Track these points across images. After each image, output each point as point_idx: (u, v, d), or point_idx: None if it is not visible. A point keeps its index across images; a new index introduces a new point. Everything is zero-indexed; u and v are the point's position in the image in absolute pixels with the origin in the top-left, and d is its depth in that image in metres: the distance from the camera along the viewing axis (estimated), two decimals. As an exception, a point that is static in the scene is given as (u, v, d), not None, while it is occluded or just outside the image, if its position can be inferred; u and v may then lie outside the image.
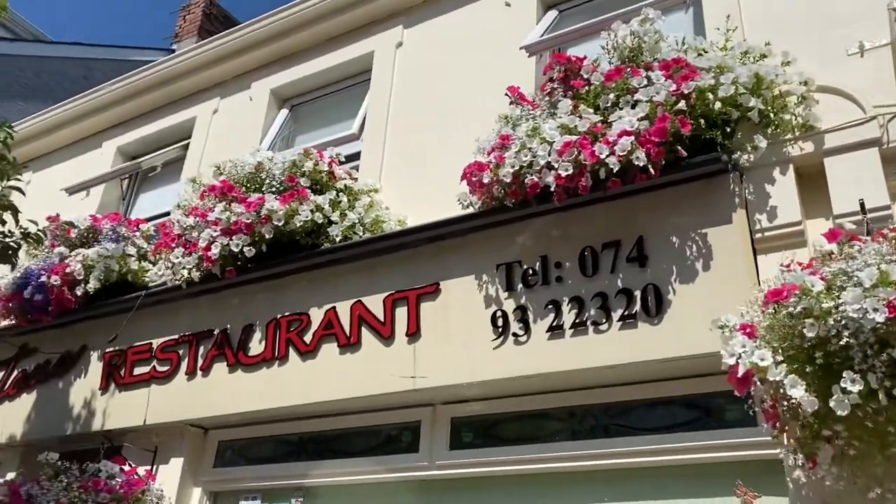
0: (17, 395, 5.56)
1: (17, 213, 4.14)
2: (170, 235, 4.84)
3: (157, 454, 4.84)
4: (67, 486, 4.15)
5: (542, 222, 3.75)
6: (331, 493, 4.35)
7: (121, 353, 5.09)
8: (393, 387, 3.98)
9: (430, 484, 4.02)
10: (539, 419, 3.84)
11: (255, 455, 4.73)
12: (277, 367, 4.42)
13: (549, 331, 3.58)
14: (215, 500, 4.77)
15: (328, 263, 4.44)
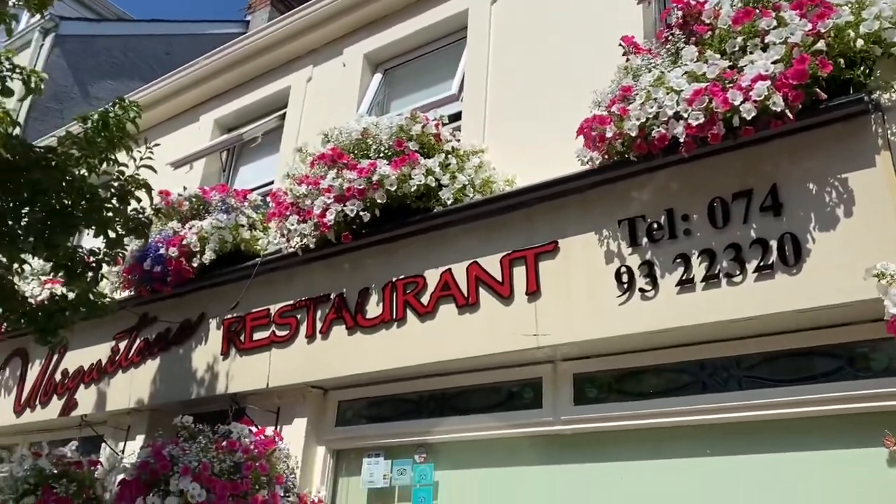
0: (141, 362, 5.84)
1: (150, 190, 4.31)
2: (283, 204, 4.96)
3: (280, 415, 5.03)
4: (205, 447, 4.35)
5: (667, 174, 3.68)
6: (453, 448, 4.44)
7: (239, 319, 5.27)
8: (514, 345, 4.02)
9: (555, 439, 4.07)
10: (667, 373, 3.82)
11: (376, 414, 4.87)
12: (396, 328, 4.51)
13: (678, 285, 3.54)
14: (338, 458, 4.94)
15: (442, 226, 4.47)
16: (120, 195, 4.13)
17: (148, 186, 4.25)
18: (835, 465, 3.27)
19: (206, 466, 4.12)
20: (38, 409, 6.49)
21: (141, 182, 4.20)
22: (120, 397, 5.86)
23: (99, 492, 5.40)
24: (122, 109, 4.10)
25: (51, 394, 6.42)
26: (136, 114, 4.17)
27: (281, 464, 4.53)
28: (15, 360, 6.96)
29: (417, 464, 4.48)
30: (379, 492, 4.61)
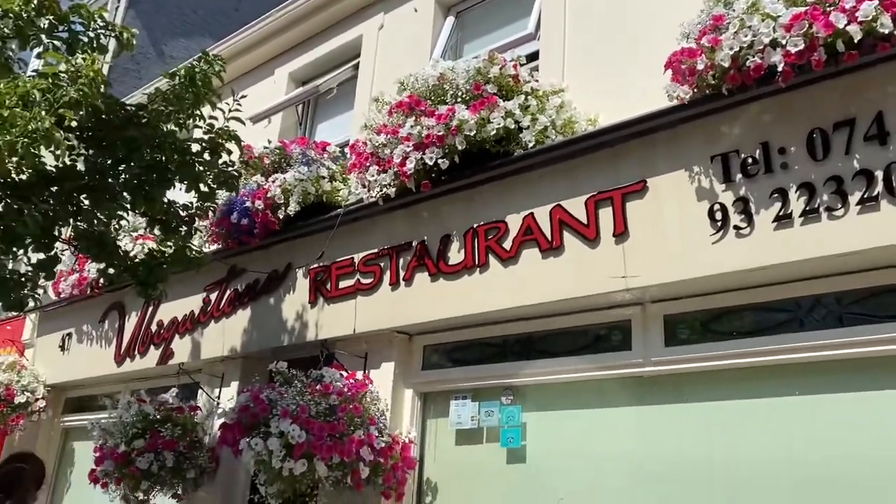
0: (232, 312, 6.07)
1: (240, 142, 4.40)
2: (362, 155, 5.00)
3: (368, 360, 5.17)
4: (300, 390, 4.52)
5: (762, 106, 3.54)
6: (540, 391, 4.49)
7: (325, 268, 5.40)
8: (602, 288, 4.00)
9: (644, 381, 4.06)
10: (762, 312, 3.75)
11: (461, 357, 4.95)
12: (479, 273, 4.54)
13: (775, 221, 3.43)
14: (426, 401, 5.06)
15: (523, 170, 4.44)
16: (210, 148, 4.24)
17: (237, 139, 4.35)
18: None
19: (303, 409, 4.28)
20: (137, 358, 6.84)
21: (231, 134, 4.30)
22: (213, 346, 6.11)
23: (200, 435, 5.72)
24: (207, 63, 4.18)
25: (148, 344, 6.75)
26: (221, 67, 4.25)
27: (372, 406, 4.66)
28: (112, 313, 7.33)
29: (504, 405, 4.55)
30: (467, 432, 4.72)
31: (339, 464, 4.21)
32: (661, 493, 3.83)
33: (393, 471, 4.52)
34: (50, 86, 3.41)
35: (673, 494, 3.80)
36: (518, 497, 4.36)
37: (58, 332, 7.99)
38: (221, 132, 4.26)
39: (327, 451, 4.15)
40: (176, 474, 5.38)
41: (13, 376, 7.41)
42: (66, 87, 3.40)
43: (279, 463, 4.14)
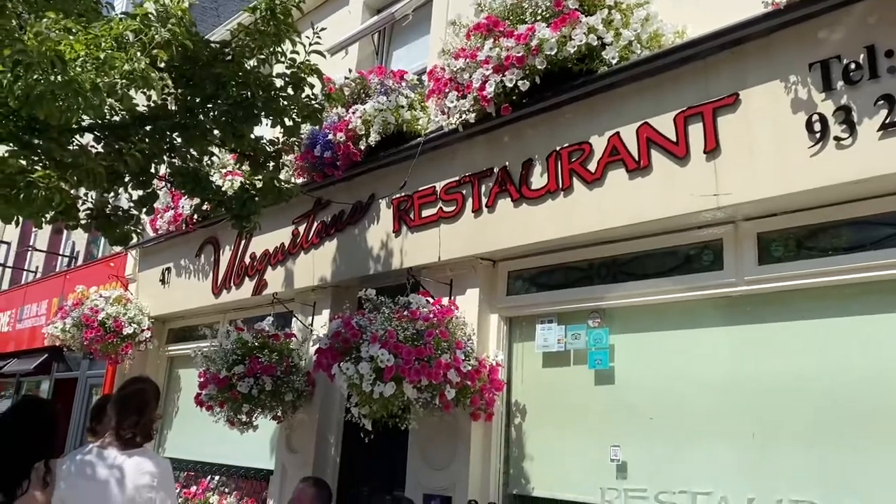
0: (320, 243, 6.24)
1: (321, 75, 4.44)
2: (440, 81, 4.96)
3: (454, 286, 5.25)
4: (388, 316, 4.64)
5: (867, 7, 3.31)
6: (628, 313, 4.47)
7: (407, 198, 5.45)
8: (691, 207, 3.91)
9: (737, 300, 3.99)
10: (861, 226, 3.58)
11: (546, 282, 4.96)
12: (563, 197, 4.49)
13: (881, 129, 3.24)
14: (511, 325, 5.13)
15: (607, 88, 4.31)
16: (293, 83, 4.29)
17: (319, 72, 4.38)
18: None
19: (391, 334, 4.40)
20: (233, 290, 7.16)
21: (313, 68, 4.34)
22: (304, 276, 6.33)
23: (296, 360, 5.98)
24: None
25: (242, 276, 7.04)
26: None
27: (458, 331, 4.75)
28: (208, 247, 7.66)
29: (591, 328, 4.56)
30: (554, 355, 4.77)
31: (428, 386, 4.34)
32: (752, 414, 3.80)
33: (481, 393, 4.63)
34: (141, 26, 3.50)
35: (764, 415, 3.76)
36: (607, 417, 4.41)
37: (158, 266, 8.42)
38: (303, 66, 4.29)
39: (415, 375, 4.27)
40: (274, 397, 5.67)
41: (120, 309, 7.90)
42: (157, 27, 3.48)
43: (369, 386, 4.29)
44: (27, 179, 3.08)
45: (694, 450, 3.99)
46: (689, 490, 3.95)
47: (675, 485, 4.01)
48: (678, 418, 4.09)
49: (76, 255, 11.75)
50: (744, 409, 3.84)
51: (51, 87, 2.83)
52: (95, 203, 4.22)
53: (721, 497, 3.82)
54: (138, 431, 3.33)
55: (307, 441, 5.99)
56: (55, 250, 12.54)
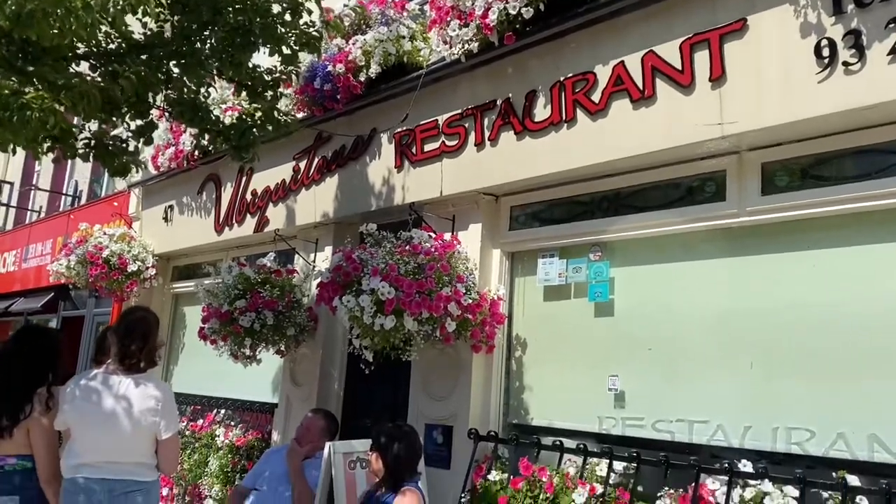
0: (321, 179, 6.20)
1: (319, 1, 4.34)
2: (442, 9, 4.84)
3: (456, 222, 5.22)
4: (390, 251, 4.64)
5: (883, -75, 3.18)
6: (630, 246, 4.46)
7: (409, 132, 5.39)
8: (696, 136, 3.85)
9: (739, 231, 3.96)
10: (869, 154, 3.52)
11: (548, 216, 4.94)
12: (566, 129, 4.43)
13: (890, 53, 3.15)
14: (513, 260, 5.13)
15: (612, 15, 4.20)
16: (291, 8, 4.20)
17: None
18: None
19: (392, 267, 4.40)
20: (235, 227, 7.16)
21: (311, -6, 4.24)
22: (306, 212, 6.31)
23: (298, 296, 6.01)
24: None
25: (244, 213, 7.03)
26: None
27: (460, 265, 4.75)
28: (209, 184, 7.63)
29: (592, 262, 4.56)
30: (555, 289, 4.78)
31: (428, 319, 4.35)
32: (751, 344, 3.82)
33: (482, 326, 4.66)
34: (133, -55, 3.41)
35: (763, 345, 3.78)
36: (605, 348, 4.44)
37: (160, 204, 8.42)
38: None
39: (416, 307, 4.28)
40: (277, 331, 5.71)
41: (124, 246, 7.92)
42: (151, -54, 3.39)
43: (370, 318, 4.31)
44: (20, 101, 3.05)
45: (692, 380, 4.03)
46: (685, 419, 4.00)
47: (672, 413, 4.06)
48: (677, 349, 4.12)
49: (79, 194, 11.75)
50: (742, 340, 3.86)
51: (42, 5, 2.77)
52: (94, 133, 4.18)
53: (717, 425, 3.87)
54: (142, 357, 3.37)
55: (310, 374, 6.07)
56: (58, 190, 12.53)
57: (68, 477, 3.20)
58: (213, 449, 6.60)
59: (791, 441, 3.58)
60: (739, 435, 3.78)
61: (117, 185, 10.05)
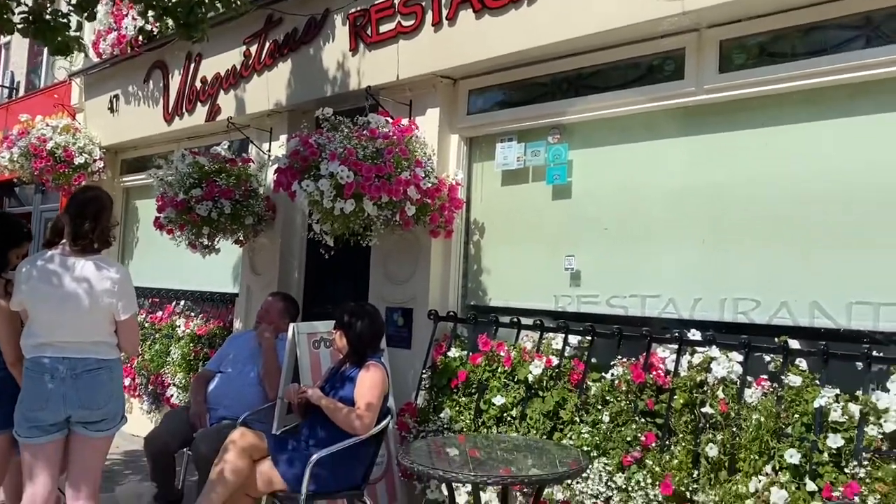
0: (273, 64, 5.99)
1: None
2: None
3: (413, 107, 5.15)
4: (347, 135, 4.57)
5: None
6: (588, 128, 4.47)
7: (364, 12, 5.20)
8: (657, 13, 3.80)
9: (697, 110, 4.00)
10: (826, 29, 3.54)
11: (507, 99, 4.89)
12: (526, 7, 4.32)
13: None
14: (471, 145, 5.11)
15: None
16: None
17: None
18: None
19: (350, 152, 4.35)
20: (186, 116, 6.94)
21: None
22: (258, 100, 6.13)
23: (254, 185, 5.94)
24: None
25: (195, 101, 6.80)
26: None
27: (418, 150, 4.72)
28: (155, 72, 7.33)
29: (551, 144, 4.57)
30: (513, 173, 4.81)
31: (388, 203, 4.36)
32: (704, 221, 3.93)
33: (440, 211, 4.69)
34: None
35: (716, 221, 3.89)
36: (562, 230, 4.53)
37: (105, 94, 8.08)
38: None
39: (375, 191, 4.28)
40: (234, 220, 5.67)
41: (69, 138, 7.64)
42: None
43: (330, 203, 4.30)
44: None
45: (645, 257, 4.15)
46: (638, 294, 4.15)
47: (626, 290, 4.20)
48: (632, 228, 4.22)
49: (17, 85, 11.18)
50: (696, 217, 3.97)
51: None
52: (32, 6, 3.93)
53: (669, 299, 4.03)
54: (95, 238, 3.30)
55: (270, 263, 6.08)
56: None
57: (31, 357, 3.20)
58: (175, 339, 6.65)
59: (738, 311, 3.76)
60: (689, 307, 3.95)
61: (57, 75, 9.57)
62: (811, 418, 3.13)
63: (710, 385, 3.46)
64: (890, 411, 2.96)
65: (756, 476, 3.10)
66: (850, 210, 3.46)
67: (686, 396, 3.49)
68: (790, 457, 3.04)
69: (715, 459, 3.26)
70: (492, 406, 4.17)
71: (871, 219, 3.40)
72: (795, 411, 3.19)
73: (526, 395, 4.10)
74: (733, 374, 3.43)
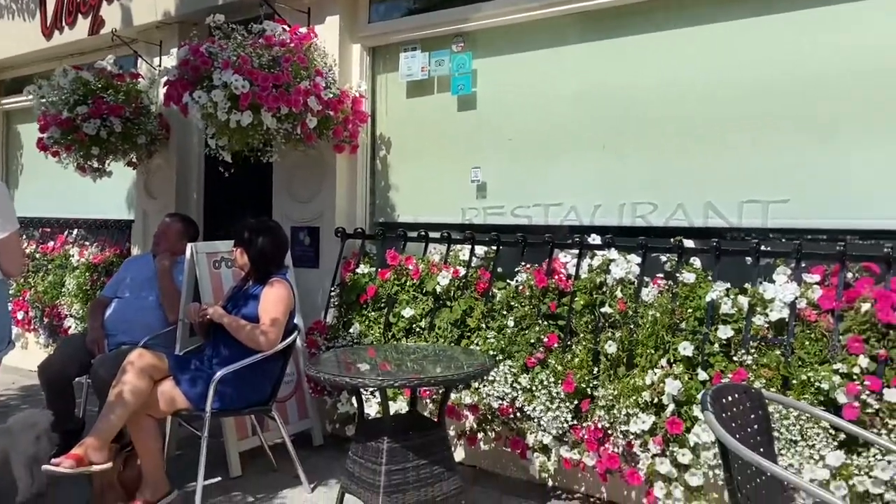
0: (159, -28, 5.58)
1: None
2: None
3: (311, 15, 4.92)
4: (241, 43, 4.32)
5: None
6: (491, 35, 4.40)
7: (255, -88, 4.87)
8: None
9: (597, 14, 3.99)
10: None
11: (409, 6, 4.75)
12: None
13: None
14: (374, 55, 4.95)
15: None
16: None
17: None
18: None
19: (245, 60, 4.12)
20: (66, 30, 6.43)
21: None
22: (146, 10, 5.73)
23: (145, 102, 5.59)
24: None
25: (75, 13, 6.30)
26: None
27: (318, 59, 4.53)
28: (29, -18, 6.72)
29: (455, 53, 4.47)
30: (418, 84, 4.70)
31: (287, 115, 4.19)
32: (604, 127, 3.97)
33: (344, 124, 4.55)
34: None
35: (616, 127, 3.93)
36: (468, 142, 4.49)
37: (-29, 8, 7.37)
38: None
39: (273, 102, 4.09)
40: (126, 140, 5.34)
41: (-65, 56, 6.96)
42: None
43: (225, 115, 4.10)
44: None
45: (549, 166, 4.17)
46: (542, 203, 4.19)
47: (530, 200, 4.23)
48: (536, 137, 4.21)
49: None
50: (597, 124, 3.99)
51: None
52: None
53: (571, 206, 4.08)
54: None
55: (167, 185, 5.80)
56: None
57: None
58: (69, 269, 6.32)
59: (636, 215, 3.85)
60: (590, 213, 4.02)
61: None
62: (704, 312, 3.27)
63: (609, 286, 3.55)
64: (775, 301, 3.12)
65: (652, 369, 3.23)
66: (739, 112, 3.55)
67: (586, 298, 3.58)
68: (683, 349, 3.17)
69: (614, 356, 3.37)
70: (401, 318, 4.17)
71: (760, 121, 3.50)
72: (689, 307, 3.32)
73: (434, 306, 4.12)
74: (631, 275, 3.53)
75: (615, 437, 3.26)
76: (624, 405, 3.22)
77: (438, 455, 3.08)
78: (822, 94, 3.34)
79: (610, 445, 3.28)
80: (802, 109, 3.38)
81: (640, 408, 3.19)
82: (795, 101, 3.40)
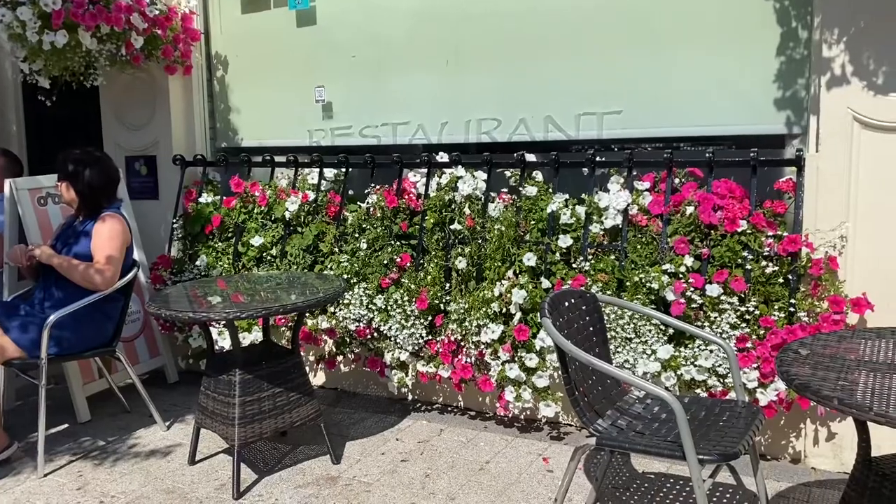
0: None
1: None
2: None
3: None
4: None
5: None
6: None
7: None
8: None
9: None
10: None
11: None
12: None
13: None
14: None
15: None
16: None
17: None
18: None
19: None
20: None
21: None
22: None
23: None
24: None
25: None
26: None
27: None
28: None
29: (290, -34, 4.24)
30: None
31: (109, 35, 3.86)
32: (447, 43, 3.91)
33: (174, 44, 4.25)
34: None
35: (458, 43, 3.89)
36: (310, 59, 4.32)
37: None
38: None
39: (91, 20, 3.74)
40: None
41: None
42: None
43: (36, 35, 3.72)
44: None
45: (394, 83, 4.09)
46: (389, 122, 4.13)
47: (377, 119, 4.16)
48: (379, 54, 4.11)
49: None
50: (440, 39, 3.94)
51: None
52: None
53: (418, 125, 4.05)
54: None
55: (-23, 116, 5.24)
56: None
57: None
58: None
59: (482, 131, 3.88)
60: (437, 132, 4.01)
61: None
62: (545, 224, 3.39)
63: (458, 203, 3.60)
64: (609, 209, 3.28)
65: (500, 281, 3.34)
66: (573, 28, 3.60)
67: (436, 216, 3.62)
68: (528, 260, 3.30)
69: (464, 271, 3.45)
70: (250, 247, 4.06)
71: (593, 35, 3.57)
72: (532, 219, 3.43)
73: (285, 233, 4.03)
74: (478, 191, 3.59)
75: (467, 348, 3.38)
76: (475, 317, 3.33)
77: (294, 382, 3.08)
78: (647, 9, 3.44)
79: (463, 356, 3.40)
80: (633, 24, 3.48)
81: (490, 318, 3.31)
82: (624, 16, 3.49)
